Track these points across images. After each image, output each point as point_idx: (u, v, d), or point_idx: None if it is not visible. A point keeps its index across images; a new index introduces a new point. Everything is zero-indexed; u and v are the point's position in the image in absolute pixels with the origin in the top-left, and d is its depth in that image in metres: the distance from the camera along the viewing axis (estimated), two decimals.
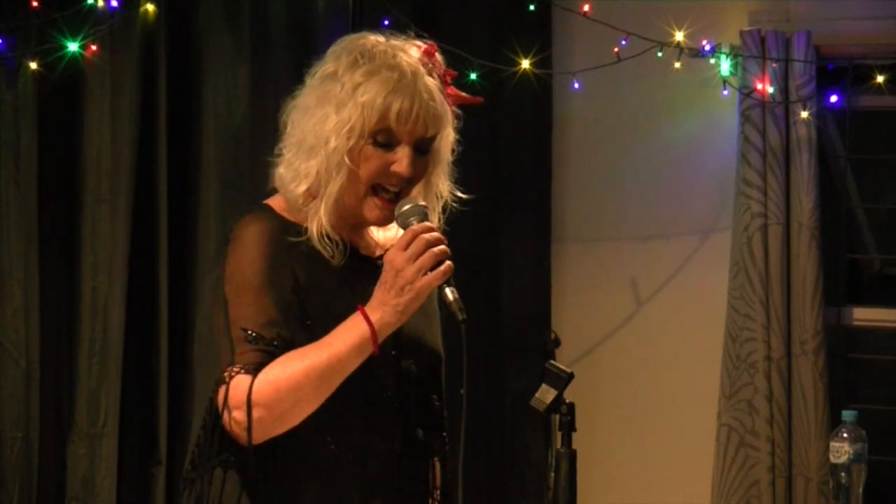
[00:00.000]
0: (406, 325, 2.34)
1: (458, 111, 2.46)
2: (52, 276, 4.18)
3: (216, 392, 2.24)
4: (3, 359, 4.10)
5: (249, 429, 2.21)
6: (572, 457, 2.38)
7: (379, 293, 2.27)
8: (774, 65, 4.26)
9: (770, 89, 4.26)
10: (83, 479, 4.16)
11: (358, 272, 2.36)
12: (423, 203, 2.35)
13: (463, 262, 2.61)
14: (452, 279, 2.28)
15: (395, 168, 2.32)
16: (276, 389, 2.21)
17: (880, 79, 4.32)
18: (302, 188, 2.32)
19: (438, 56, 2.42)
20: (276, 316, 2.26)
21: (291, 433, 2.26)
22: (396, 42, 2.37)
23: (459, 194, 2.45)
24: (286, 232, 2.31)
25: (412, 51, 2.37)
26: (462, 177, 4.49)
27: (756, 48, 4.27)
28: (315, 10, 4.35)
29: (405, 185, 2.35)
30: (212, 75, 4.30)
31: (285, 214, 2.35)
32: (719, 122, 4.46)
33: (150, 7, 4.17)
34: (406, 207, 2.33)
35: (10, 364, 4.10)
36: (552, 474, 2.38)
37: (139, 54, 4.20)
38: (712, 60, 4.30)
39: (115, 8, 4.09)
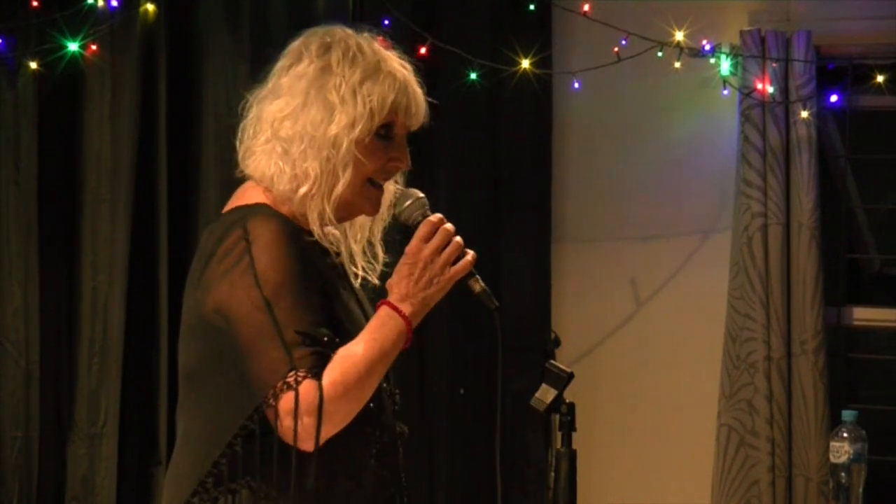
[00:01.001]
0: None
1: None
2: (52, 276, 4.18)
3: (276, 398, 2.15)
4: (3, 359, 4.11)
5: (318, 433, 2.16)
6: (572, 457, 2.38)
7: (402, 286, 2.26)
8: (774, 65, 4.26)
9: (770, 89, 4.26)
10: (83, 479, 4.16)
11: (337, 268, 2.37)
12: (422, 195, 2.35)
13: None
14: (474, 269, 2.29)
15: (398, 164, 2.34)
16: (345, 391, 2.18)
17: (880, 79, 4.32)
18: (304, 190, 2.28)
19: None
20: (320, 315, 2.22)
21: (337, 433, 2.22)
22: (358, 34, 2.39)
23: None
24: (294, 232, 2.27)
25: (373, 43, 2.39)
26: (462, 177, 4.52)
27: (756, 48, 4.27)
28: (315, 10, 4.35)
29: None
30: (212, 75, 4.30)
31: (282, 213, 2.30)
32: (719, 122, 4.46)
33: (150, 7, 4.17)
34: (409, 202, 2.33)
35: (10, 364, 4.10)
36: (552, 474, 2.38)
37: (139, 54, 4.20)
38: (712, 60, 4.30)
39: (115, 8, 4.09)
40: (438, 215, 2.30)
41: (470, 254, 2.28)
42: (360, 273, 2.43)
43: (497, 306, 2.29)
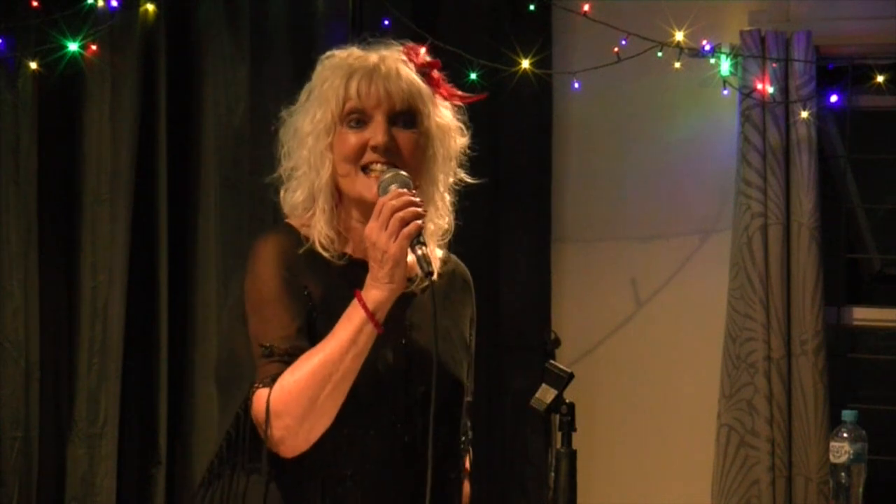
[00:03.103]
0: (419, 350, 2.38)
1: (460, 105, 2.55)
2: (52, 276, 4.17)
3: (245, 410, 2.30)
4: (3, 359, 4.10)
5: (267, 435, 2.26)
6: (572, 457, 2.38)
7: (370, 273, 2.30)
8: (774, 65, 4.26)
9: (770, 89, 4.26)
10: (83, 479, 4.16)
11: (363, 278, 2.37)
12: (404, 173, 2.36)
13: (463, 262, 2.61)
14: (422, 237, 2.29)
15: (372, 141, 2.37)
16: (289, 392, 2.25)
17: (880, 79, 4.32)
18: (299, 195, 2.40)
19: (422, 54, 2.49)
20: (293, 328, 2.31)
21: (304, 458, 2.29)
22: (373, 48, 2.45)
23: (467, 178, 2.51)
24: (300, 245, 2.38)
25: (390, 49, 2.44)
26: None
27: (756, 48, 4.27)
28: (315, 10, 4.34)
29: (390, 158, 2.37)
30: (212, 75, 4.29)
31: (301, 229, 2.41)
32: (719, 122, 4.46)
33: (150, 7, 4.16)
34: (386, 176, 2.35)
35: (10, 364, 4.10)
36: (552, 474, 2.38)
37: (139, 54, 4.19)
38: (712, 60, 4.30)
39: (115, 8, 4.09)
40: (396, 191, 2.30)
41: (412, 223, 2.26)
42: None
43: (430, 272, 2.26)
